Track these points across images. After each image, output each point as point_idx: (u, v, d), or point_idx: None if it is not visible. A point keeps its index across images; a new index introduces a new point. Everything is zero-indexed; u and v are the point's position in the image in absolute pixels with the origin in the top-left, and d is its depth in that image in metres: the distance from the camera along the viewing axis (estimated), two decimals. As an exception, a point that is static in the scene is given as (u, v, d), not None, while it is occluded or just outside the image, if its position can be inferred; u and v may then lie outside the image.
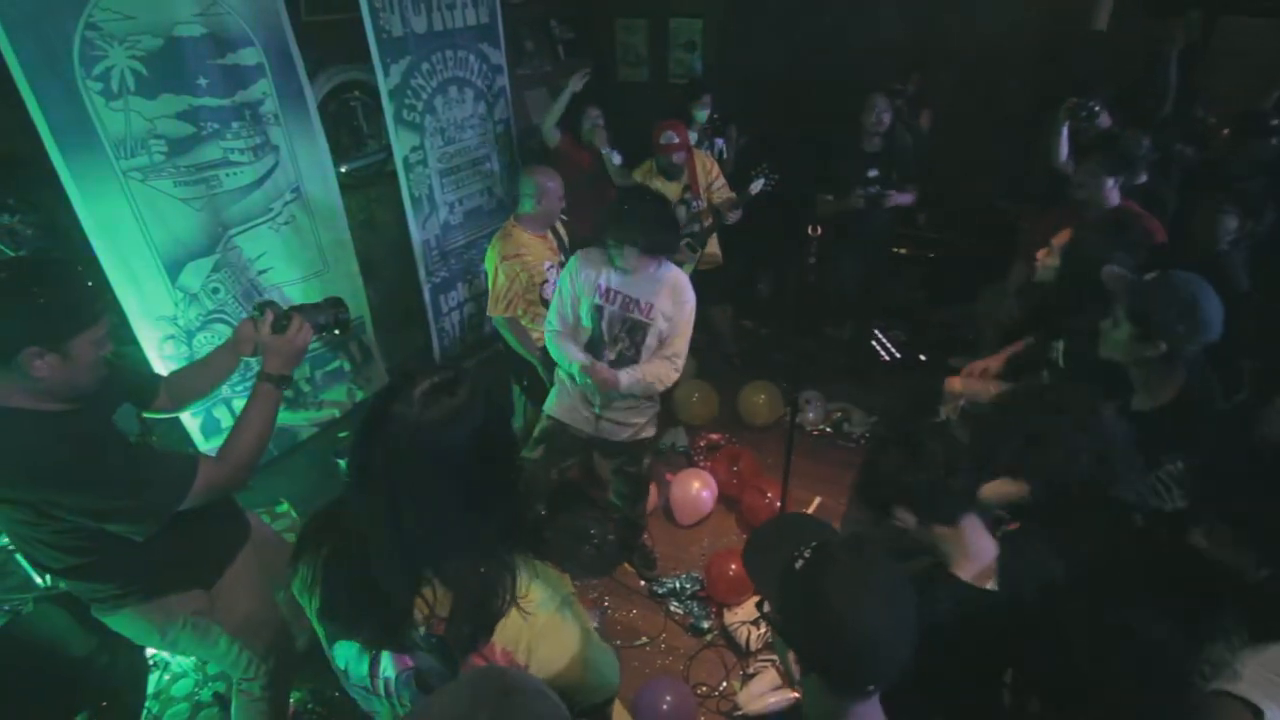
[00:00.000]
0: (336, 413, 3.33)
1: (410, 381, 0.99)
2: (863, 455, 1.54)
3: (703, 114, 3.98)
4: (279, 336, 1.64)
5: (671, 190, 3.54)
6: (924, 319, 4.68)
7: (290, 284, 3.04)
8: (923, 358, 4.34)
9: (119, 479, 1.41)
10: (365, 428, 1.01)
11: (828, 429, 3.95)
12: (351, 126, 3.44)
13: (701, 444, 3.79)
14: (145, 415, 1.80)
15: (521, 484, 1.13)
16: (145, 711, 2.27)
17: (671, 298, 2.40)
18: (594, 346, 2.48)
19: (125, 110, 2.40)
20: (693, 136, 3.72)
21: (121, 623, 1.66)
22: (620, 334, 2.44)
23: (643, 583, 3.07)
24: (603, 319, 2.43)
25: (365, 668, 1.09)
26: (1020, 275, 3.31)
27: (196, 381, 1.81)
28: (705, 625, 2.86)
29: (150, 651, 2.38)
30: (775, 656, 2.65)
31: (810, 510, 3.37)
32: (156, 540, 1.50)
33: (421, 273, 3.53)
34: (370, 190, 3.62)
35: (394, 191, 3.43)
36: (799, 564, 1.05)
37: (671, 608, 2.94)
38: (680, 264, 3.78)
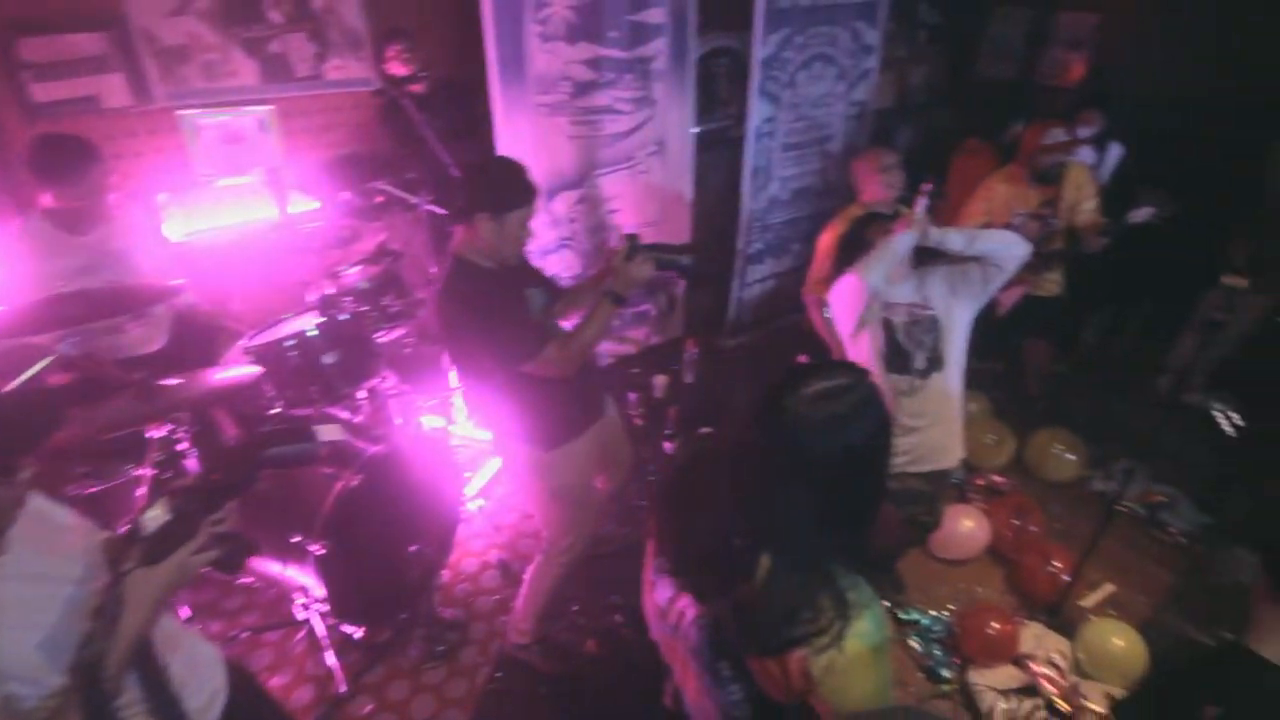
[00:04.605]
0: (633, 349, 3.63)
1: (805, 378, 1.02)
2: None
3: (1085, 133, 3.49)
4: (627, 263, 1.87)
5: (1030, 199, 3.18)
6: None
7: (630, 228, 3.33)
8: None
9: (487, 322, 1.81)
10: (756, 409, 1.05)
11: (1140, 510, 3.35)
12: (710, 91, 3.61)
13: (980, 483, 3.46)
14: None
15: (878, 513, 1.12)
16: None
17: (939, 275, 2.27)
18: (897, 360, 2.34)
19: (550, 53, 2.78)
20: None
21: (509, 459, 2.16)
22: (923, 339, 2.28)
23: (885, 604, 2.92)
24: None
25: (671, 592, 1.17)
26: None
27: (574, 301, 2.11)
28: (944, 673, 2.65)
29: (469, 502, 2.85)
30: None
31: (1098, 598, 2.92)
32: (521, 393, 1.90)
33: (740, 240, 3.64)
34: (711, 153, 3.79)
35: (732, 157, 3.55)
36: None
37: (911, 641, 2.77)
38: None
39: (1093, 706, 2.42)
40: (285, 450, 1.24)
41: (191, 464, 2.03)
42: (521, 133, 2.81)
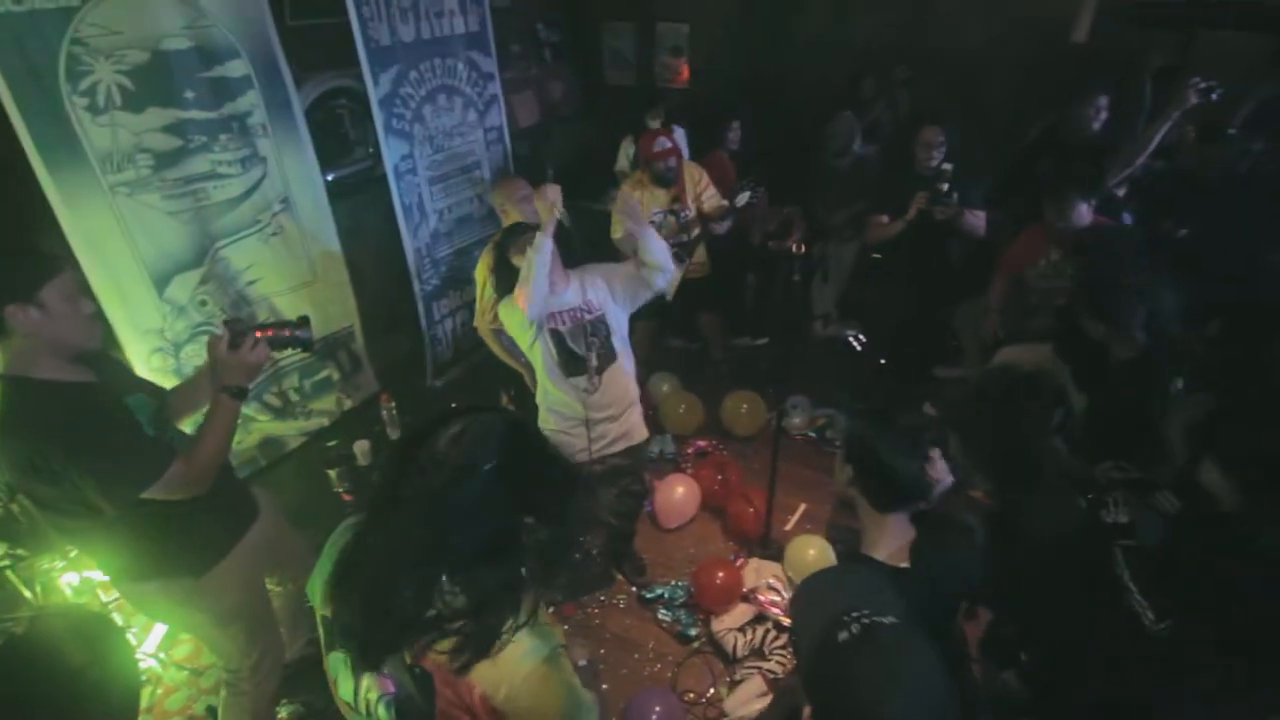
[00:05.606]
0: (325, 421, 3.33)
1: (434, 428, 1.04)
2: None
3: (654, 124, 4.09)
4: (234, 352, 1.70)
5: (661, 199, 3.57)
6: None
7: (279, 294, 3.04)
8: (883, 361, 4.25)
9: (88, 449, 1.50)
10: (398, 458, 1.06)
11: (812, 434, 4.00)
12: (338, 134, 3.43)
13: (689, 451, 3.84)
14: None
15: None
16: (139, 726, 2.28)
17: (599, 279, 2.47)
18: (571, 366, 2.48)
19: (111, 125, 2.39)
20: None
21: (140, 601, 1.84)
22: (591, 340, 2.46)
23: (633, 589, 3.11)
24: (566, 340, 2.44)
25: (352, 683, 1.12)
26: (1000, 291, 3.36)
27: (189, 398, 1.86)
28: (693, 632, 2.90)
29: (143, 665, 2.40)
30: (761, 664, 2.72)
31: (795, 519, 3.43)
32: (144, 524, 1.64)
33: (414, 280, 3.53)
34: (358, 197, 3.61)
35: (382, 198, 3.42)
36: (843, 636, 1.14)
37: (660, 615, 2.99)
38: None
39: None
40: None
41: None
42: (100, 222, 2.38)
